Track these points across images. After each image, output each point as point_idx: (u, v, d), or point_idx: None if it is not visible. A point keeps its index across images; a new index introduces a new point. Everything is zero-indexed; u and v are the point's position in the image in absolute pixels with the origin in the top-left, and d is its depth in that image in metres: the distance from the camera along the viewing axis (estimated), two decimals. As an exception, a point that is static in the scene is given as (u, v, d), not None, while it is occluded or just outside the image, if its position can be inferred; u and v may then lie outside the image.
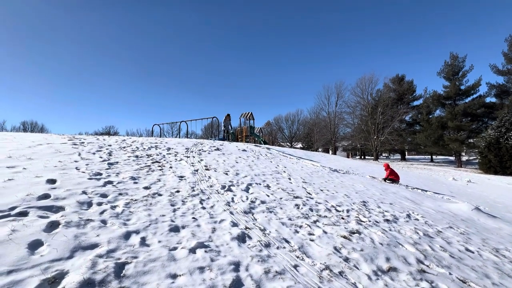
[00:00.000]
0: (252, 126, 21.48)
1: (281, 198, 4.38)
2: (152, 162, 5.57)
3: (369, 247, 2.94)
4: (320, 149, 50.96)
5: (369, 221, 3.89)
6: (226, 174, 5.54)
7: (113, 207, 2.97)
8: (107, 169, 4.52)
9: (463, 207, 5.96)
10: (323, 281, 2.17)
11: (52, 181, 3.44)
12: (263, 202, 4.05)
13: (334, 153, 40.97)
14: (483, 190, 11.79)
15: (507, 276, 2.81)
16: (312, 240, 2.94)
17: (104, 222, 2.59)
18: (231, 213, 3.43)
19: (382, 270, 2.50)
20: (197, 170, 5.45)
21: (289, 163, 8.66)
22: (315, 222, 3.52)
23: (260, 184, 5.14)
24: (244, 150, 9.34)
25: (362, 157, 44.51)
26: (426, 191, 8.27)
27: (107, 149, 6.20)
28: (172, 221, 2.89)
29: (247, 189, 4.63)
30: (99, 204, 3.00)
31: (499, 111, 24.98)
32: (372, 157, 36.87)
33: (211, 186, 4.48)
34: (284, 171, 6.88)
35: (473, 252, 3.37)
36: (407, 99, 38.57)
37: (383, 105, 33.97)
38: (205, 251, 2.35)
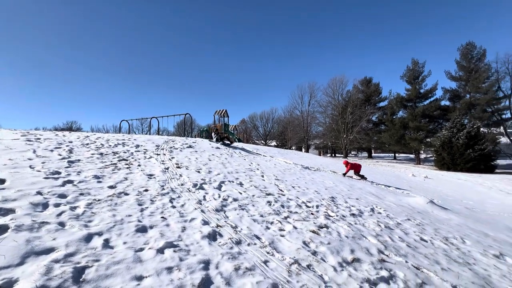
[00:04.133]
0: (226, 123, 21.32)
1: (253, 195, 4.42)
2: (119, 160, 5.28)
3: (336, 240, 3.09)
4: (293, 147, 52.13)
5: (337, 215, 4.09)
6: (198, 172, 5.44)
7: (72, 208, 2.76)
8: (67, 167, 4.20)
9: (420, 201, 6.51)
10: (292, 275, 2.24)
11: (0, 181, 3.11)
12: (235, 199, 4.05)
13: (307, 151, 42.23)
14: (437, 185, 12.97)
15: (454, 262, 3.13)
16: (282, 236, 3.01)
17: (62, 224, 2.40)
18: (203, 211, 3.38)
19: (347, 261, 2.65)
20: (167, 168, 5.28)
21: (262, 160, 8.75)
22: (286, 218, 3.61)
23: (233, 181, 5.13)
24: (217, 148, 9.24)
25: (333, 155, 46.43)
26: (389, 186, 8.88)
27: (67, 146, 5.74)
28: (140, 221, 2.77)
29: (219, 187, 4.59)
30: (57, 205, 2.77)
31: (452, 113, 27.63)
32: (342, 155, 38.64)
33: (182, 185, 4.37)
34: (258, 169, 6.94)
35: (426, 241, 3.70)
36: (374, 100, 40.93)
37: (352, 106, 35.71)
38: (174, 251, 2.29)
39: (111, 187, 3.66)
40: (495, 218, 6.70)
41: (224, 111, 20.52)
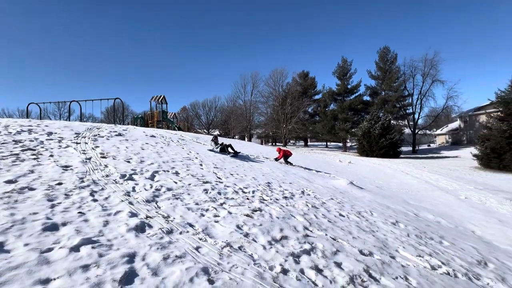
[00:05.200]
0: (165, 110, 19.98)
1: (189, 184, 4.31)
2: (23, 150, 4.40)
3: (268, 222, 3.29)
4: (236, 136, 52.59)
5: (271, 199, 4.35)
6: (128, 162, 4.99)
7: (-52, 210, 2.20)
8: None
9: (342, 182, 7.47)
10: (223, 257, 2.30)
11: None
12: (169, 189, 3.89)
13: (250, 140, 43.27)
14: (357, 169, 15.09)
15: (363, 231, 3.73)
16: (216, 222, 3.04)
17: None
18: (131, 203, 3.14)
19: (276, 239, 2.86)
20: (89, 159, 4.67)
21: (202, 149, 8.58)
22: (221, 204, 3.66)
23: (168, 171, 4.89)
24: (152, 136, 8.60)
25: (274, 143, 48.77)
26: (319, 171, 9.89)
27: None
28: (49, 218, 2.40)
29: (152, 177, 4.32)
30: None
31: (371, 107, 32.20)
32: (282, 144, 40.99)
33: (107, 176, 3.94)
34: (196, 158, 6.78)
35: (344, 216, 4.29)
36: (310, 93, 44.29)
37: (292, 97, 37.92)
38: (93, 247, 2.08)
39: (9, 181, 3.04)
40: (396, 193, 8.21)
41: (161, 97, 19.13)
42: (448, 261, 3.25)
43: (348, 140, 38.91)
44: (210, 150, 8.73)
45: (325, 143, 50.62)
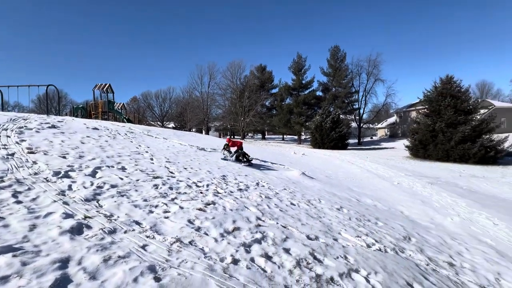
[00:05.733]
0: (111, 100, 18.20)
1: (138, 180, 4.05)
2: None
3: (221, 214, 3.30)
4: (193, 129, 50.93)
5: (225, 192, 4.35)
6: (64, 157, 4.43)
7: None
8: None
9: (295, 173, 7.87)
10: (172, 253, 2.24)
11: None
12: (114, 186, 3.59)
13: (207, 133, 42.34)
14: (310, 160, 16.04)
15: (311, 217, 4.00)
16: (166, 218, 2.93)
17: None
18: (66, 203, 2.81)
19: (228, 231, 2.89)
20: (12, 154, 4.01)
21: (154, 143, 8.10)
22: (173, 199, 3.53)
23: (113, 166, 4.50)
24: (95, 129, 7.79)
25: (232, 137, 48.67)
26: (274, 163, 10.22)
27: None
28: (-47, 226, 2.01)
29: (93, 174, 3.93)
30: None
31: (323, 103, 34.30)
32: (240, 137, 41.15)
33: (36, 174, 3.45)
34: (147, 152, 6.37)
35: (295, 205, 4.54)
36: (267, 86, 45.10)
37: (249, 90, 38.08)
38: (14, 256, 1.81)
39: None
40: (342, 182, 8.99)
41: (107, 85, 17.34)
42: (381, 239, 3.71)
43: (303, 133, 40.92)
44: (223, 159, 7.94)
45: (281, 136, 52.42)
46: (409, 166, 16.18)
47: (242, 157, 7.99)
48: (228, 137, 10.32)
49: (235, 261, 2.30)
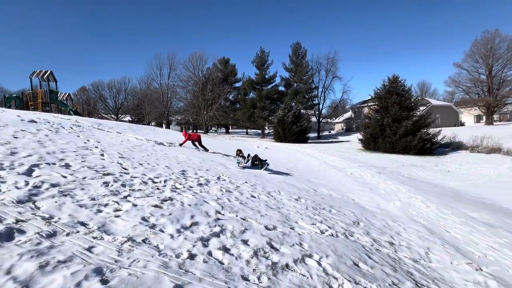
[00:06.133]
0: (54, 90, 16.18)
1: (84, 178, 3.70)
2: None
3: (178, 210, 3.20)
4: (153, 123, 48.26)
5: (184, 187, 4.23)
6: (-9, 154, 3.83)
7: None
8: None
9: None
10: (122, 254, 2.11)
11: None
12: (55, 185, 3.23)
13: (168, 127, 40.47)
14: (273, 153, 16.44)
15: (270, 208, 4.12)
16: (117, 216, 2.74)
17: None
18: (-8, 206, 2.44)
19: (186, 226, 2.83)
20: None
21: (105, 137, 7.47)
22: (125, 197, 3.31)
23: (54, 164, 4.03)
24: (32, 122, 6.87)
25: (195, 131, 47.31)
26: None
27: None
28: None
29: (29, 172, 3.48)
30: None
31: (285, 98, 35.22)
32: (203, 131, 40.21)
33: (-49, 174, 2.92)
34: (96, 147, 5.85)
35: (255, 197, 4.62)
36: (231, 80, 44.63)
37: (212, 83, 37.27)
38: None
39: None
40: (302, 174, 9.43)
41: (48, 73, 15.33)
42: (333, 225, 4.00)
43: (266, 127, 41.62)
44: (242, 167, 7.60)
45: (245, 130, 52.62)
46: (361, 157, 17.64)
47: (258, 162, 7.94)
48: (184, 131, 9.84)
49: (192, 256, 2.27)
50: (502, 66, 33.25)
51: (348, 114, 50.40)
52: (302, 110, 33.84)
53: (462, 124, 40.28)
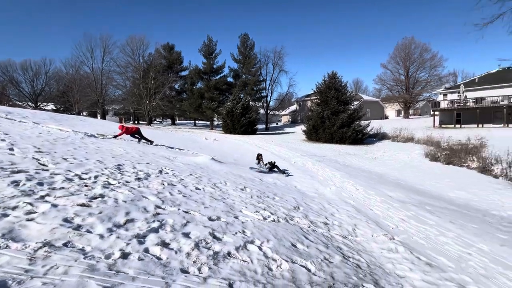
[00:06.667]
0: None
1: (-16, 177, 3.04)
2: None
3: (111, 208, 2.91)
4: (84, 113, 42.59)
5: (119, 182, 3.87)
6: None
7: None
8: None
9: (204, 159, 7.83)
10: (36, 262, 1.82)
11: None
12: None
13: (103, 117, 36.17)
14: (221, 145, 16.32)
15: (215, 200, 4.10)
16: (30, 220, 2.35)
17: None
18: None
19: (119, 225, 2.60)
20: None
21: (17, 128, 6.26)
22: (43, 197, 2.85)
23: None
24: None
25: (136, 122, 43.40)
26: (182, 149, 9.84)
27: None
28: None
29: None
30: None
31: (234, 89, 35.07)
32: (146, 122, 37.24)
33: None
34: (3, 140, 4.85)
35: (200, 189, 4.53)
36: (176, 68, 42.16)
37: (155, 71, 34.57)
38: None
39: None
40: (249, 164, 9.62)
41: None
42: (276, 211, 4.22)
43: (215, 119, 40.89)
44: (259, 171, 8.15)
45: (193, 121, 50.74)
46: (304, 147, 18.94)
47: (277, 169, 8.69)
48: (120, 124, 8.90)
49: (125, 255, 2.11)
50: (416, 69, 39.53)
51: (294, 107, 53.22)
52: (250, 102, 34.23)
53: (386, 118, 46.68)
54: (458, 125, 26.96)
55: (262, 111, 42.44)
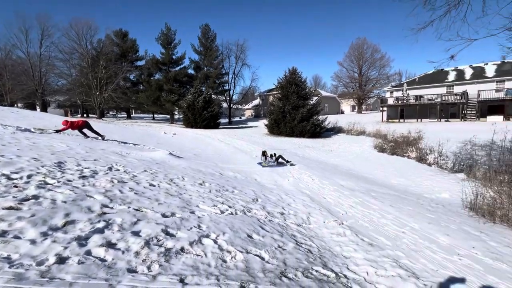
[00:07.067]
0: None
1: None
2: None
3: (46, 210, 2.62)
4: (19, 104, 37.21)
5: (59, 182, 3.49)
6: None
7: None
8: None
9: (161, 154, 7.48)
10: None
11: None
12: None
13: (44, 109, 31.98)
14: (181, 140, 15.75)
15: (171, 196, 3.96)
16: None
17: None
18: None
19: (56, 228, 2.35)
20: None
21: None
22: (-44, 202, 2.43)
23: None
24: None
25: (86, 115, 39.29)
26: (137, 144, 9.25)
27: None
28: None
29: None
30: None
31: (195, 81, 33.87)
32: (96, 116, 33.96)
33: None
34: None
35: (154, 186, 4.32)
36: (131, 57, 39.09)
37: (106, 59, 31.54)
38: None
39: None
40: (210, 158, 9.48)
41: None
42: (234, 204, 4.24)
43: (176, 112, 39.15)
44: (265, 166, 8.54)
45: (151, 115, 47.91)
46: (266, 141, 19.31)
47: (283, 160, 8.99)
48: (64, 119, 7.90)
49: (62, 260, 1.93)
50: (368, 67, 42.93)
51: (257, 101, 53.68)
52: (213, 95, 33.50)
53: (342, 112, 49.95)
54: (402, 120, 30.15)
55: (225, 105, 41.89)
